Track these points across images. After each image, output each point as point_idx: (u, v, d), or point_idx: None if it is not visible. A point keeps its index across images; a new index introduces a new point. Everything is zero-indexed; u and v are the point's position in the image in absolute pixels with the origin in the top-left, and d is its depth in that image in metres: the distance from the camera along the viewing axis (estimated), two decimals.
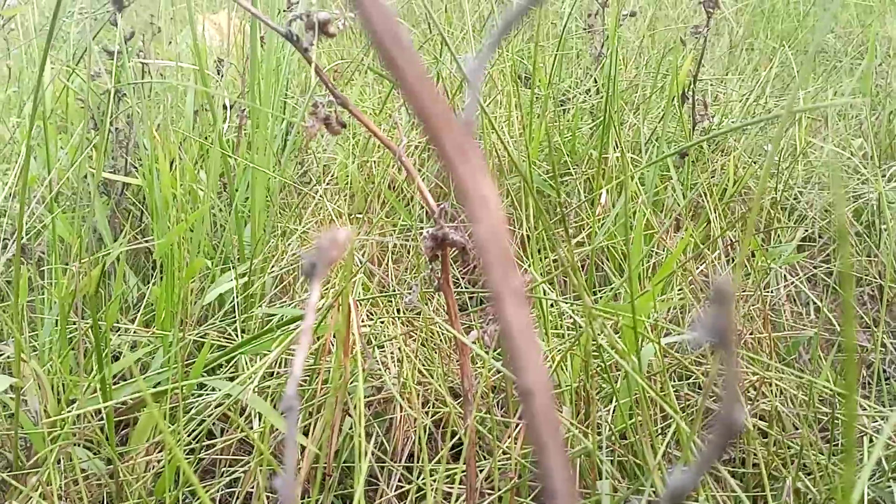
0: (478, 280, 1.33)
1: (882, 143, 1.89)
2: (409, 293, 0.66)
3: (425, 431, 0.77)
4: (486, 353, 0.64)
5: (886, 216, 1.45)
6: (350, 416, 0.87)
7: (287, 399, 0.27)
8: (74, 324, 1.10)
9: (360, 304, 0.99)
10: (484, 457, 0.84)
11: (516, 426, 0.75)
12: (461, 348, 0.67)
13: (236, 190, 1.48)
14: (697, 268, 1.25)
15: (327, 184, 1.57)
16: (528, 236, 1.32)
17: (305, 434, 0.87)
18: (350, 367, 0.80)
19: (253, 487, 0.87)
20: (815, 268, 1.42)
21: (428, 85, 0.17)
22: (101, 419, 0.84)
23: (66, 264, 1.16)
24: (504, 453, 0.73)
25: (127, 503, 0.79)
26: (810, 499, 0.68)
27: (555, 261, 1.16)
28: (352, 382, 0.88)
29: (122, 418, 0.87)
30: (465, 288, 1.27)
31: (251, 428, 0.92)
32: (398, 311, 1.02)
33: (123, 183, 1.63)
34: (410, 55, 0.17)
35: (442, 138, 0.17)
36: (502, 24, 0.19)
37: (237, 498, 0.87)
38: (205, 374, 0.90)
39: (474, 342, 0.66)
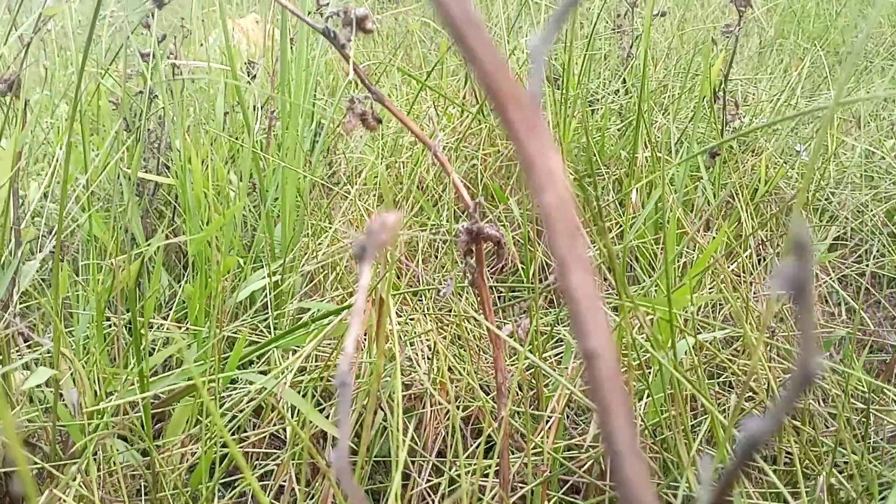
0: (507, 278, 1.34)
1: None
2: (444, 287, 0.67)
3: (456, 427, 0.78)
4: (521, 347, 0.65)
5: None
6: (382, 409, 0.88)
7: (340, 374, 0.28)
8: (109, 319, 1.12)
9: (392, 300, 0.99)
10: (514, 451, 0.84)
11: (548, 421, 0.76)
12: (495, 342, 0.68)
13: (266, 191, 1.49)
14: (729, 266, 1.24)
15: (357, 184, 1.58)
16: None
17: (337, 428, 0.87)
18: (383, 361, 0.80)
19: (285, 481, 0.88)
20: (846, 268, 1.41)
21: (497, 61, 0.17)
22: (138, 411, 0.86)
23: (101, 262, 1.17)
24: (536, 447, 0.74)
25: (163, 493, 0.81)
26: (843, 495, 0.67)
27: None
28: (385, 377, 0.89)
29: (156, 411, 0.88)
30: (495, 285, 1.27)
31: (284, 423, 0.93)
32: (428, 308, 1.03)
33: (156, 184, 1.65)
34: (480, 32, 0.17)
35: (509, 112, 0.17)
36: (563, 4, 0.19)
37: (270, 490, 0.88)
38: (238, 369, 0.91)
39: (509, 336, 0.66)
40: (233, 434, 0.94)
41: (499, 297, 1.29)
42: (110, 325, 1.11)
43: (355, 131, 0.67)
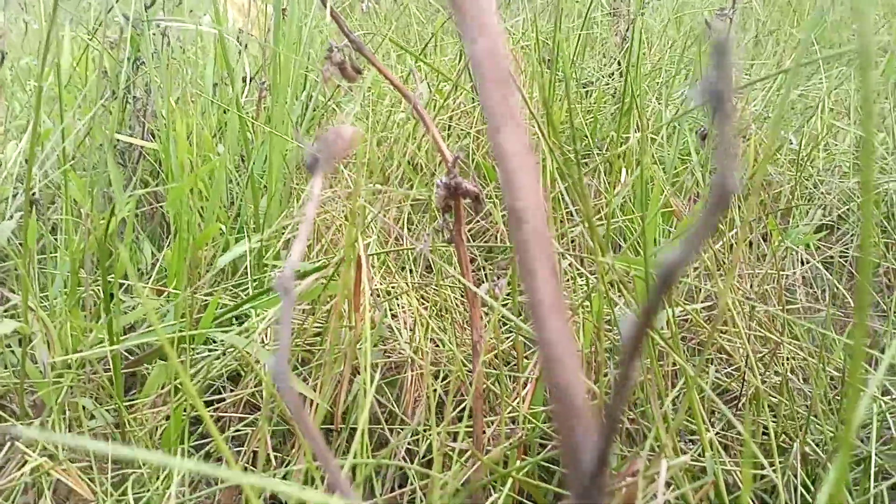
0: (487, 242, 1.33)
1: None
2: (421, 243, 0.65)
3: (435, 394, 0.77)
4: (496, 302, 0.63)
5: None
6: (360, 373, 0.87)
7: (282, 280, 0.27)
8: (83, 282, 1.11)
9: (373, 269, 0.98)
10: (492, 414, 0.83)
11: (524, 384, 0.75)
12: (472, 300, 0.67)
13: (253, 163, 1.47)
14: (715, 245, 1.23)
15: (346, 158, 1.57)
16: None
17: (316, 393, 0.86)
18: (360, 324, 0.79)
19: (259, 446, 0.87)
20: (831, 252, 1.41)
21: None
22: (108, 369, 0.84)
23: (77, 220, 1.16)
24: (512, 411, 0.73)
25: (129, 442, 0.79)
26: (818, 462, 0.67)
27: (574, 229, 1.15)
28: (361, 344, 0.88)
29: (128, 371, 0.87)
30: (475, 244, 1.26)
31: (261, 388, 0.92)
32: (410, 272, 1.02)
33: (140, 153, 1.63)
34: None
35: None
36: None
37: (244, 455, 0.87)
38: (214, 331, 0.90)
39: (486, 294, 0.65)
40: (209, 397, 0.93)
41: (480, 267, 1.28)
42: (84, 289, 1.09)
43: (334, 83, 0.66)
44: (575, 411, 0.16)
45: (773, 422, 0.78)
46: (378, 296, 0.90)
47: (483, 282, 1.03)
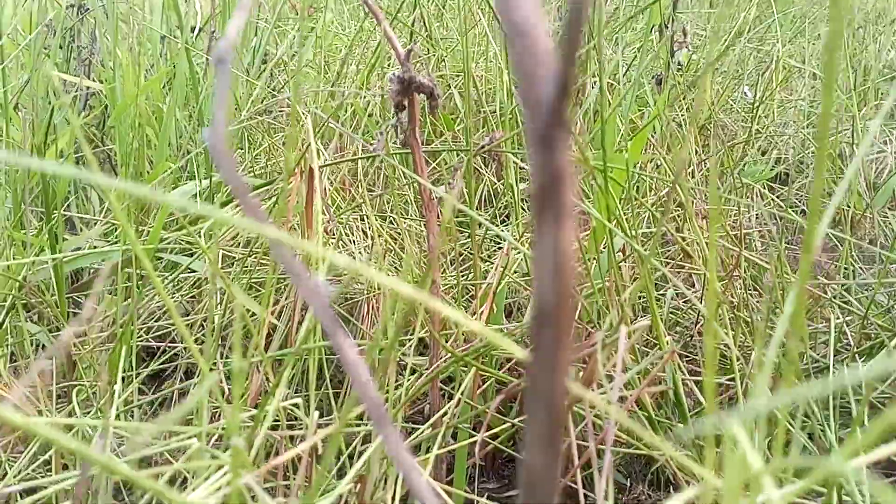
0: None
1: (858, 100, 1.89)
2: (375, 143, 0.64)
3: (393, 314, 0.75)
4: (455, 200, 0.62)
5: (861, 146, 1.45)
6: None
7: (218, 51, 0.25)
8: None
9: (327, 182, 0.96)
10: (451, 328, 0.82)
11: (480, 301, 0.73)
12: (427, 204, 0.65)
13: (202, 110, 1.44)
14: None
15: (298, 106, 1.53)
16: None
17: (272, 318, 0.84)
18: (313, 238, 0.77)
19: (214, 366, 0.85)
20: (785, 199, 1.42)
21: None
22: (53, 293, 0.81)
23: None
24: (466, 333, 0.72)
25: (80, 381, 0.77)
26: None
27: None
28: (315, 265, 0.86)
29: (74, 295, 0.84)
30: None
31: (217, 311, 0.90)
32: (369, 189, 0.99)
33: (86, 100, 1.58)
34: None
35: None
36: None
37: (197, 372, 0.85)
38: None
39: (441, 198, 0.64)
40: (162, 320, 0.91)
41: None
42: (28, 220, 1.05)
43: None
44: (533, 47, 0.15)
45: (733, 332, 0.79)
46: (331, 213, 0.88)
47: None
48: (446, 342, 0.75)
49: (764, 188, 1.33)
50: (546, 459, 0.16)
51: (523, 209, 0.89)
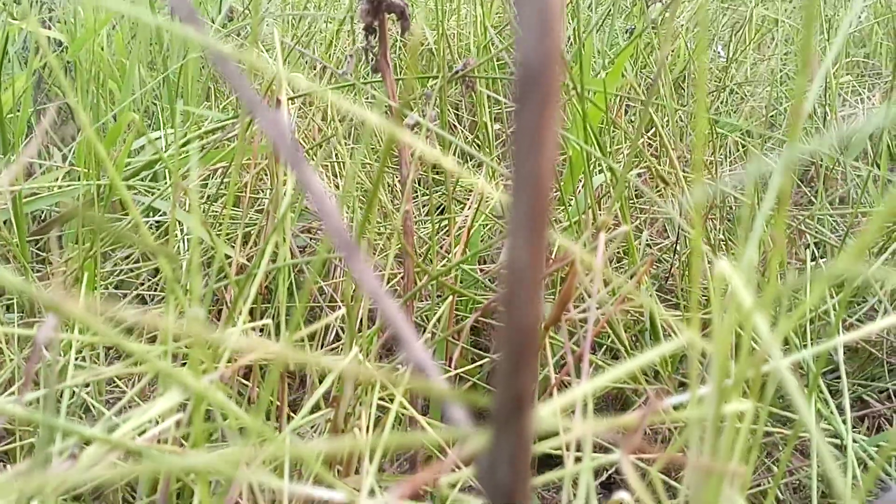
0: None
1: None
2: (344, 66, 0.61)
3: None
4: (431, 125, 0.60)
5: (833, 105, 1.45)
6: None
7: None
8: None
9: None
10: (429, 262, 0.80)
11: (459, 231, 0.72)
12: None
13: (166, 56, 1.40)
14: (646, 134, 1.23)
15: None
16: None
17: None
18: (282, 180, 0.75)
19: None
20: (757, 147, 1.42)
21: None
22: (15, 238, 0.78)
23: None
24: (446, 260, 0.70)
25: (39, 315, 0.74)
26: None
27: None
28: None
29: (36, 238, 0.81)
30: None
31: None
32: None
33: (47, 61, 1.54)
34: None
35: None
36: None
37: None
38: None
39: (414, 125, 0.62)
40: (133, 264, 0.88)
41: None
42: None
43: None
44: None
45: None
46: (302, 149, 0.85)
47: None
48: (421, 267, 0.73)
49: (738, 141, 1.32)
50: (530, 253, 0.15)
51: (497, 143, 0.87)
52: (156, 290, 0.90)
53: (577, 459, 0.41)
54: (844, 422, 0.53)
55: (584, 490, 0.35)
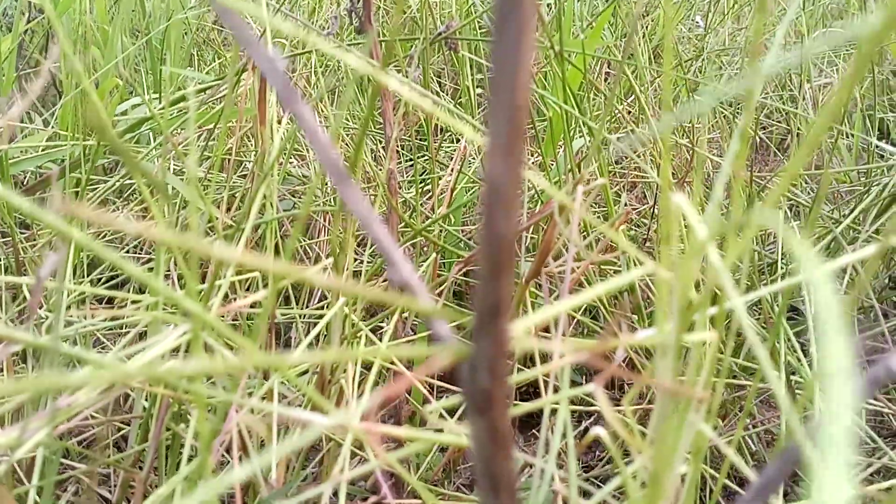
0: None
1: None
2: (328, 27, 0.63)
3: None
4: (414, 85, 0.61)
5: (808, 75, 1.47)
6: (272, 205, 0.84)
7: None
8: None
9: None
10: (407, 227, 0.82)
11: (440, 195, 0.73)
12: (383, 93, 0.65)
13: (149, 21, 1.40)
14: (625, 102, 1.24)
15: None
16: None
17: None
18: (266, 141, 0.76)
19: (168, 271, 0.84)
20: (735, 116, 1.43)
21: None
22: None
23: None
24: (427, 218, 0.72)
25: (26, 274, 0.75)
26: None
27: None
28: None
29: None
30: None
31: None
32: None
33: (28, 27, 1.53)
34: None
35: None
36: None
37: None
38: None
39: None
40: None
41: None
42: None
43: None
44: None
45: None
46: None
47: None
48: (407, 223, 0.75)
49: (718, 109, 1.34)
50: (507, 166, 0.16)
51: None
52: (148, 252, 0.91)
53: (556, 389, 0.43)
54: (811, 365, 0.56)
55: (561, 424, 0.37)
